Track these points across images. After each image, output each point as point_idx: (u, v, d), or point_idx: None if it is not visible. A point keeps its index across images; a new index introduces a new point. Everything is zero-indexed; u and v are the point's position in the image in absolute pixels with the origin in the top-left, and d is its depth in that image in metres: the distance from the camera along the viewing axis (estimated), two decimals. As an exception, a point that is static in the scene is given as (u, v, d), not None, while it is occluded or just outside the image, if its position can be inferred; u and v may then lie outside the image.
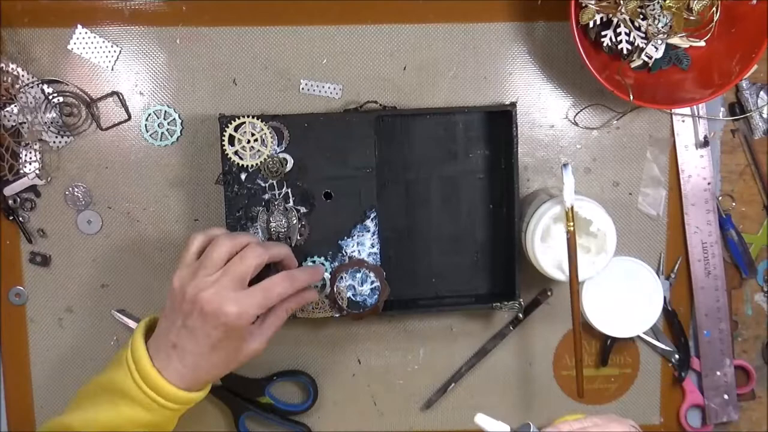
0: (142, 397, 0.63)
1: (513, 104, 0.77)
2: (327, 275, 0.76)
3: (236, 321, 0.63)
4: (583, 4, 0.74)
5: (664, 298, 0.84)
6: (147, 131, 0.80)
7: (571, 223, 0.72)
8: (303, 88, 0.81)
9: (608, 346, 0.84)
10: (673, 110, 0.82)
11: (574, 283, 0.74)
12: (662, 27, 0.76)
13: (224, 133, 0.75)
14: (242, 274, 0.64)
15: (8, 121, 0.78)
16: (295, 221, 0.76)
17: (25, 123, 0.78)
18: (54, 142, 0.79)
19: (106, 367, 0.68)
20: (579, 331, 0.77)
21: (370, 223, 0.77)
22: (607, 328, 0.82)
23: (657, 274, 0.83)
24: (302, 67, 0.80)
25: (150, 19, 0.79)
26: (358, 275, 0.77)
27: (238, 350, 0.66)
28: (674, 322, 0.85)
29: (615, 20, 0.75)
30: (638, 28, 0.76)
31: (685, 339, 0.85)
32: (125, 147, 0.80)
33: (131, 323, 0.82)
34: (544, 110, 0.82)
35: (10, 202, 0.79)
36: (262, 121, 0.75)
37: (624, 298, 0.82)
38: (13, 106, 0.78)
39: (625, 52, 0.77)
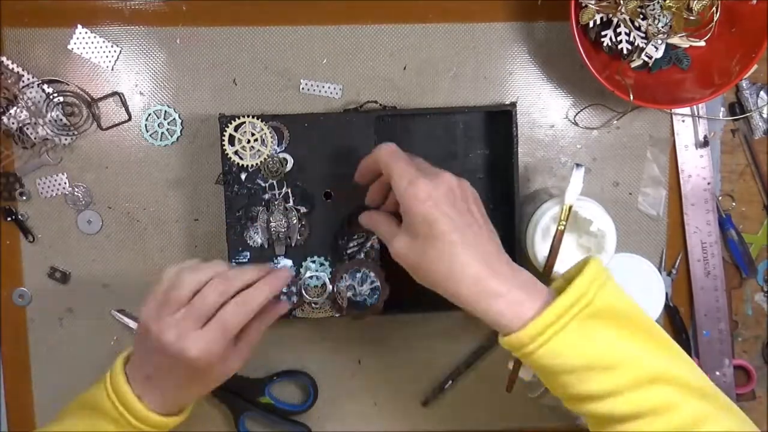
0: (119, 418, 0.63)
1: (513, 104, 0.77)
2: (326, 276, 0.76)
3: (201, 362, 0.62)
4: (583, 4, 0.74)
5: (666, 294, 0.84)
6: (147, 131, 0.80)
7: (564, 222, 0.72)
8: (303, 88, 0.81)
9: (610, 345, 0.85)
10: (673, 110, 0.82)
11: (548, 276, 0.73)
12: (662, 27, 0.76)
13: (224, 133, 0.75)
14: (203, 313, 0.62)
15: (10, 121, 0.78)
16: (295, 221, 0.76)
17: (29, 123, 0.78)
18: (54, 141, 0.79)
19: (89, 388, 0.67)
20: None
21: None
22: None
23: (659, 271, 0.83)
24: (302, 67, 0.80)
25: (150, 19, 0.79)
26: (358, 275, 0.77)
27: (214, 377, 0.65)
28: (675, 318, 0.85)
29: (615, 20, 0.75)
30: (638, 28, 0.76)
31: (687, 335, 0.85)
32: (125, 147, 0.81)
33: (131, 323, 0.82)
34: (544, 110, 0.83)
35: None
36: (262, 121, 0.75)
37: (625, 296, 0.82)
38: (16, 107, 0.78)
39: (625, 52, 0.77)
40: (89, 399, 0.65)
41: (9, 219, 0.80)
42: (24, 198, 0.80)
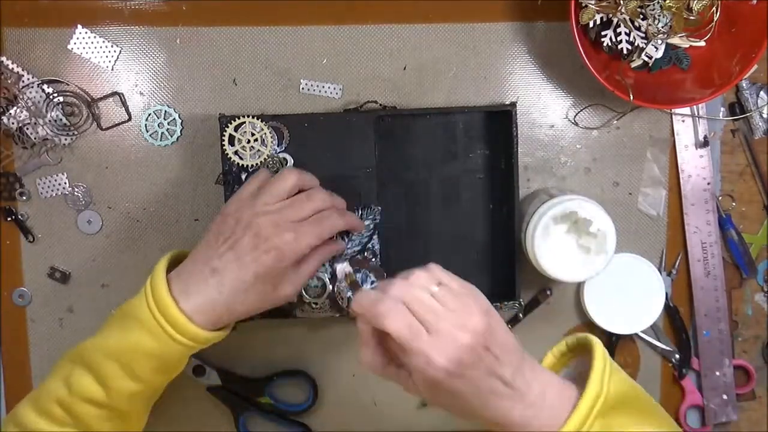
0: (150, 323, 0.61)
1: (513, 104, 0.77)
2: (326, 276, 0.76)
3: (291, 247, 0.63)
4: (583, 4, 0.74)
5: (666, 294, 0.84)
6: (147, 131, 0.80)
7: None
8: (303, 88, 0.81)
9: (613, 344, 0.85)
10: (673, 110, 0.82)
11: None
12: (662, 27, 0.76)
13: (224, 133, 0.75)
14: (304, 213, 0.65)
15: (10, 121, 0.78)
16: (295, 221, 0.76)
17: (29, 123, 0.78)
18: (54, 141, 0.79)
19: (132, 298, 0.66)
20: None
21: (370, 223, 0.77)
22: (610, 326, 0.82)
23: (659, 271, 0.83)
24: (302, 67, 0.80)
25: (150, 19, 0.79)
26: (358, 275, 0.77)
27: (275, 288, 0.65)
28: (675, 318, 0.85)
29: (615, 20, 0.75)
30: (638, 28, 0.76)
31: (687, 335, 0.85)
32: (125, 147, 0.81)
33: (131, 323, 0.82)
34: (544, 110, 0.82)
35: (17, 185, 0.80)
36: (262, 121, 0.75)
37: (626, 295, 0.82)
38: (16, 107, 0.78)
39: (625, 52, 0.77)
40: (128, 308, 0.63)
41: (9, 219, 0.80)
42: (24, 198, 0.80)
